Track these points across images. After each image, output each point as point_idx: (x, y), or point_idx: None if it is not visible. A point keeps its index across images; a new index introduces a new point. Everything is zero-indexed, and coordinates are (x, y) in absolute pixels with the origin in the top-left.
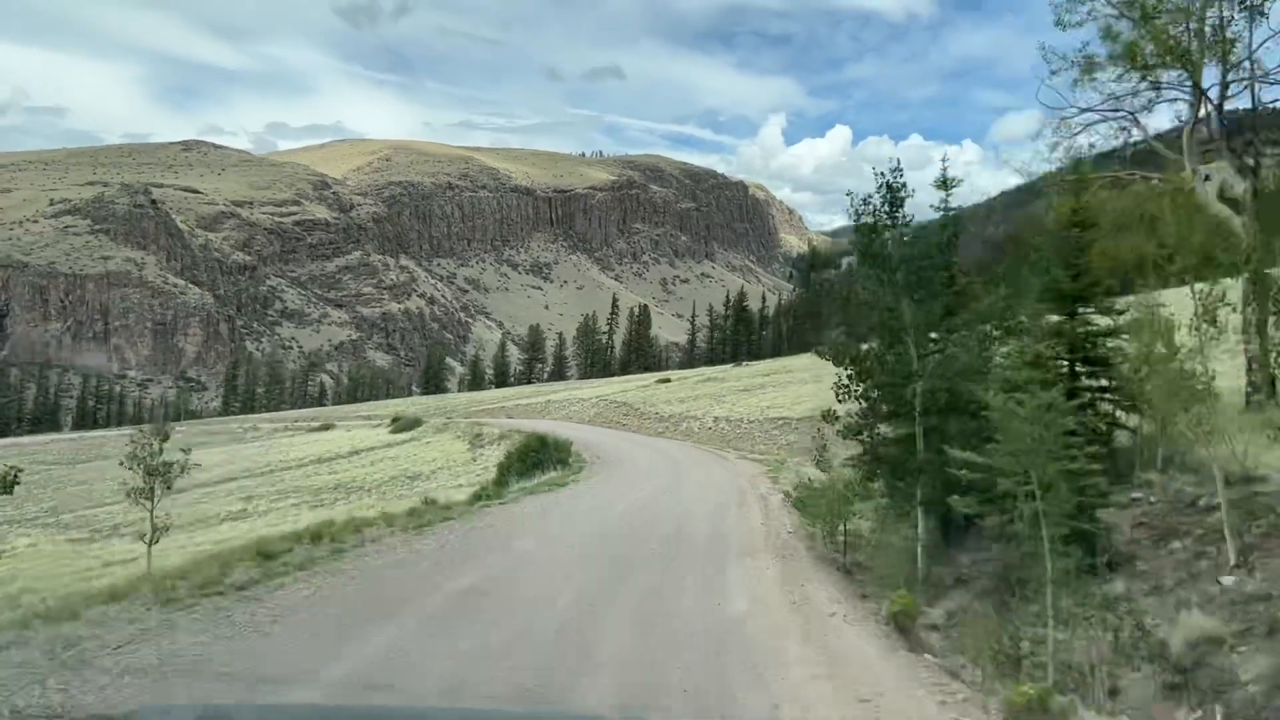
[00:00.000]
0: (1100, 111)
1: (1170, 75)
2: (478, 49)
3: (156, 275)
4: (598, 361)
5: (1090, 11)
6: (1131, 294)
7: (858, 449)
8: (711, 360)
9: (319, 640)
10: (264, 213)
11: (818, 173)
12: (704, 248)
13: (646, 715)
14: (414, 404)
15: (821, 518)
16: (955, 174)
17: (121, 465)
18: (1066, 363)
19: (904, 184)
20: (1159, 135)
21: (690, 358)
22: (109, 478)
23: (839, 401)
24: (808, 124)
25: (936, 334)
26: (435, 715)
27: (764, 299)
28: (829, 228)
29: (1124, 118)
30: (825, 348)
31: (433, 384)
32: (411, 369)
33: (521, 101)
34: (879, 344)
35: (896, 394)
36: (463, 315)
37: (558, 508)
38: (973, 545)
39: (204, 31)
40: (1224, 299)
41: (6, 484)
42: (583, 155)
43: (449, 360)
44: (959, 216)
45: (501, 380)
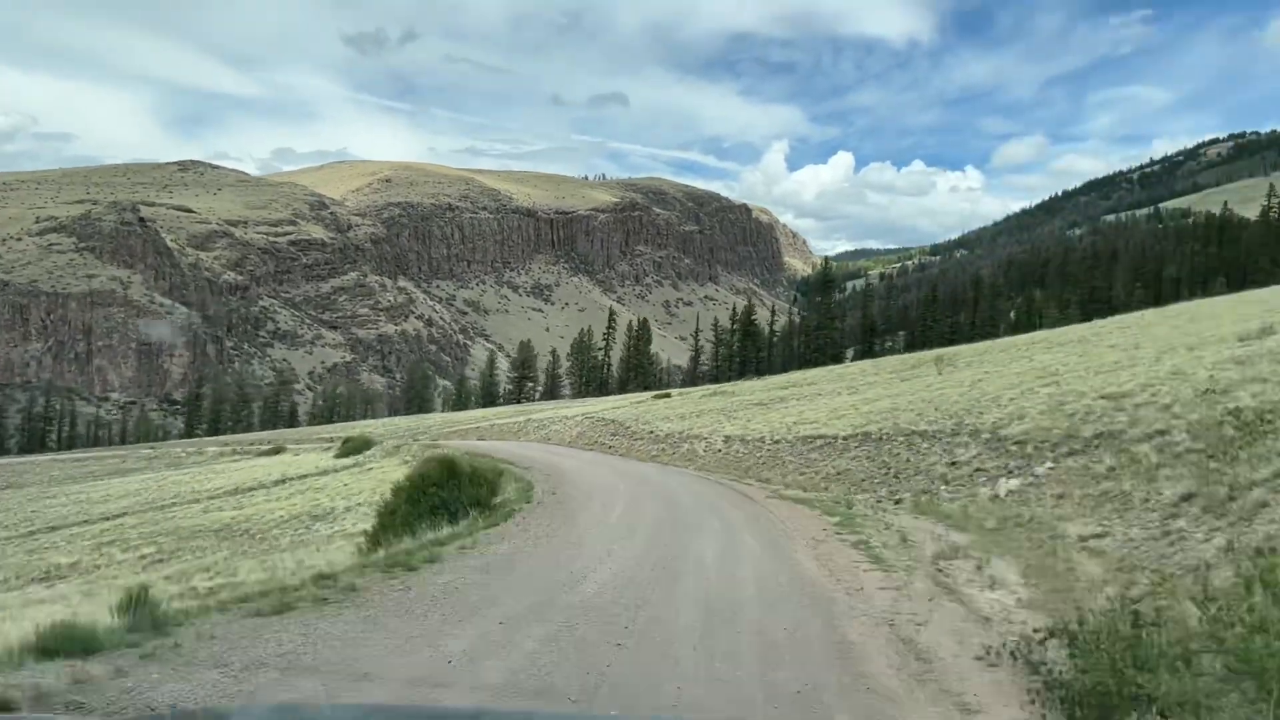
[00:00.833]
0: None
1: None
2: (484, 76)
3: (142, 294)
4: (593, 380)
5: None
6: None
7: None
8: (716, 379)
9: None
10: (258, 232)
11: (820, 199)
12: (707, 270)
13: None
14: (386, 425)
15: None
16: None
17: None
18: None
19: None
20: None
21: (693, 377)
22: None
23: None
24: (810, 150)
25: None
26: (493, 715)
27: (773, 314)
28: (832, 253)
29: None
30: None
31: (416, 404)
32: (404, 391)
33: (526, 128)
34: None
35: None
36: (461, 337)
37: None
38: None
39: (214, 59)
40: None
41: None
42: (585, 178)
43: (439, 380)
44: None
45: (490, 400)
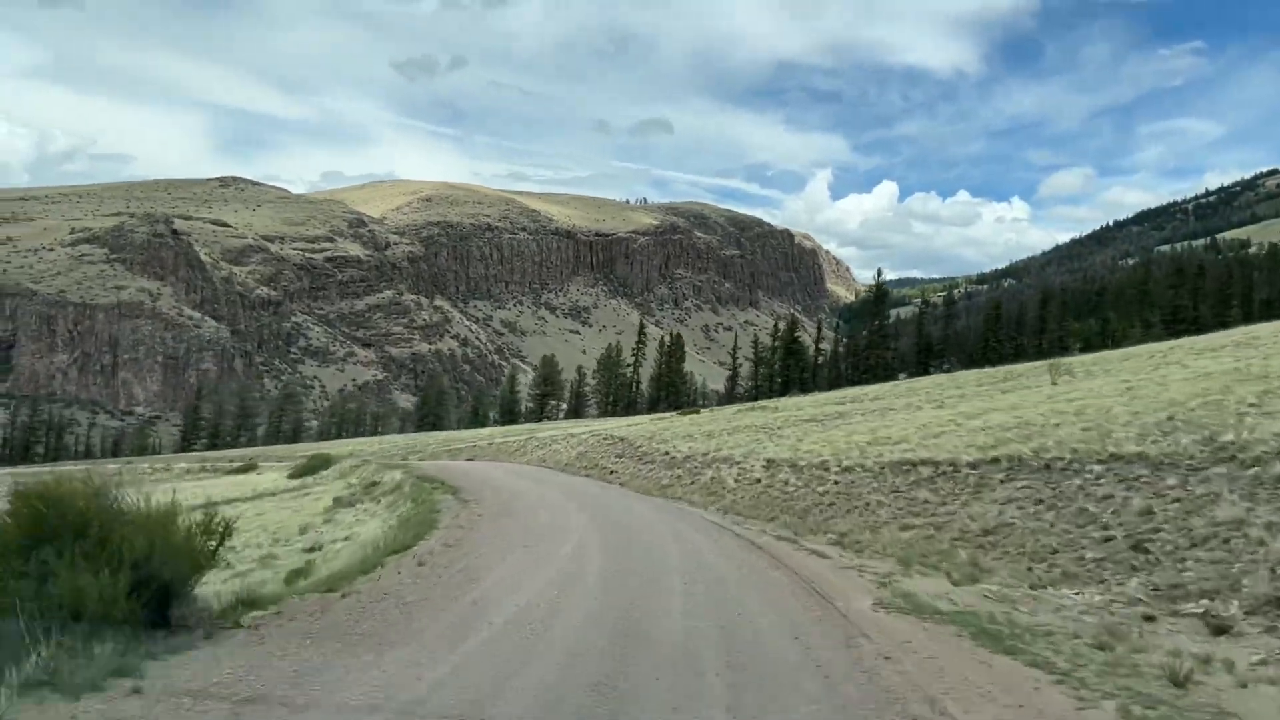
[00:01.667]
0: None
1: None
2: (528, 103)
3: (171, 307)
4: (621, 398)
5: None
6: None
7: None
8: (756, 399)
9: None
10: (294, 248)
11: (863, 228)
12: (748, 295)
13: None
14: (383, 443)
15: None
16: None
17: None
18: None
19: None
20: None
21: (730, 398)
22: None
23: None
24: (854, 179)
25: None
26: None
27: (819, 337)
28: (874, 282)
29: None
30: None
31: (430, 422)
32: (418, 408)
33: (569, 154)
34: None
35: None
36: (496, 358)
37: None
38: None
39: (267, 84)
40: None
41: None
42: (626, 202)
43: (471, 399)
44: None
45: (511, 418)
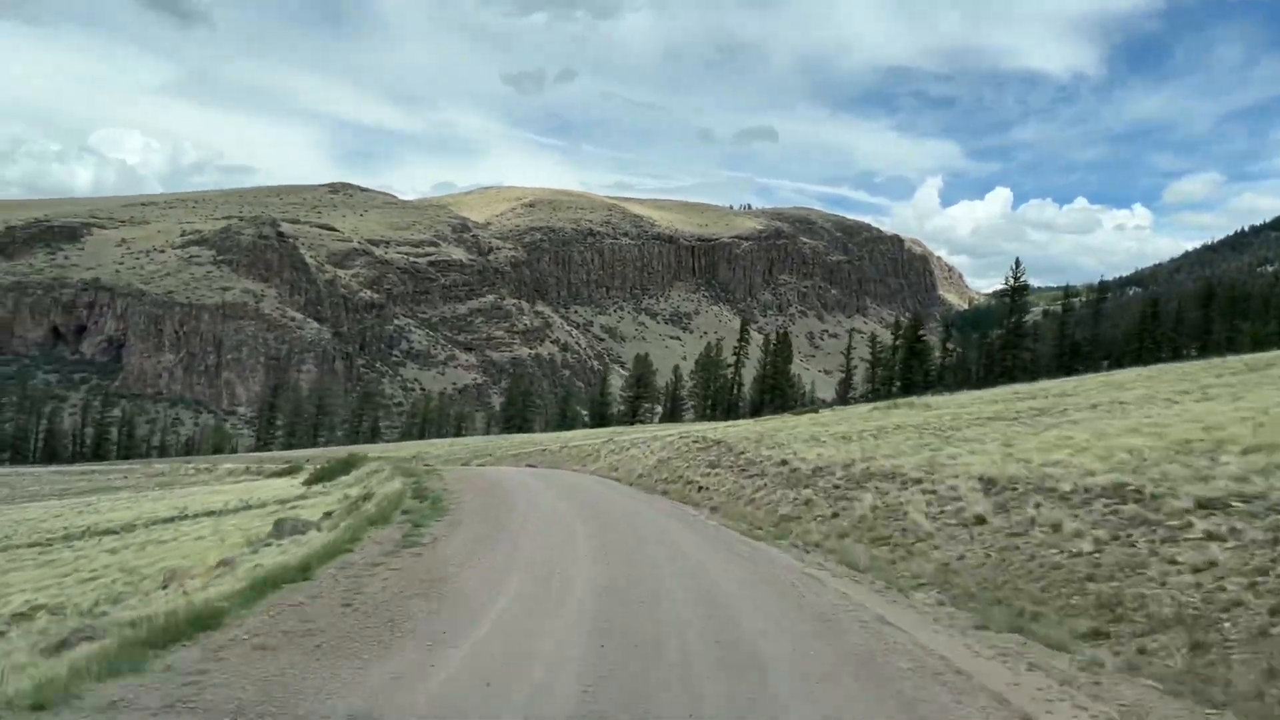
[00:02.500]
0: None
1: None
2: (634, 113)
3: (274, 308)
4: (720, 401)
5: None
6: None
7: None
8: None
9: None
10: (399, 252)
11: (975, 235)
12: (855, 302)
13: None
14: (454, 444)
15: None
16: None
17: None
18: None
19: None
20: None
21: (844, 402)
22: None
23: None
24: (966, 186)
25: None
26: None
27: (944, 344)
28: (988, 290)
29: None
30: None
31: (515, 423)
32: (503, 411)
33: (674, 163)
34: None
35: None
36: (596, 364)
37: None
38: None
39: (383, 98)
40: None
41: None
42: (729, 207)
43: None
44: None
45: (602, 421)
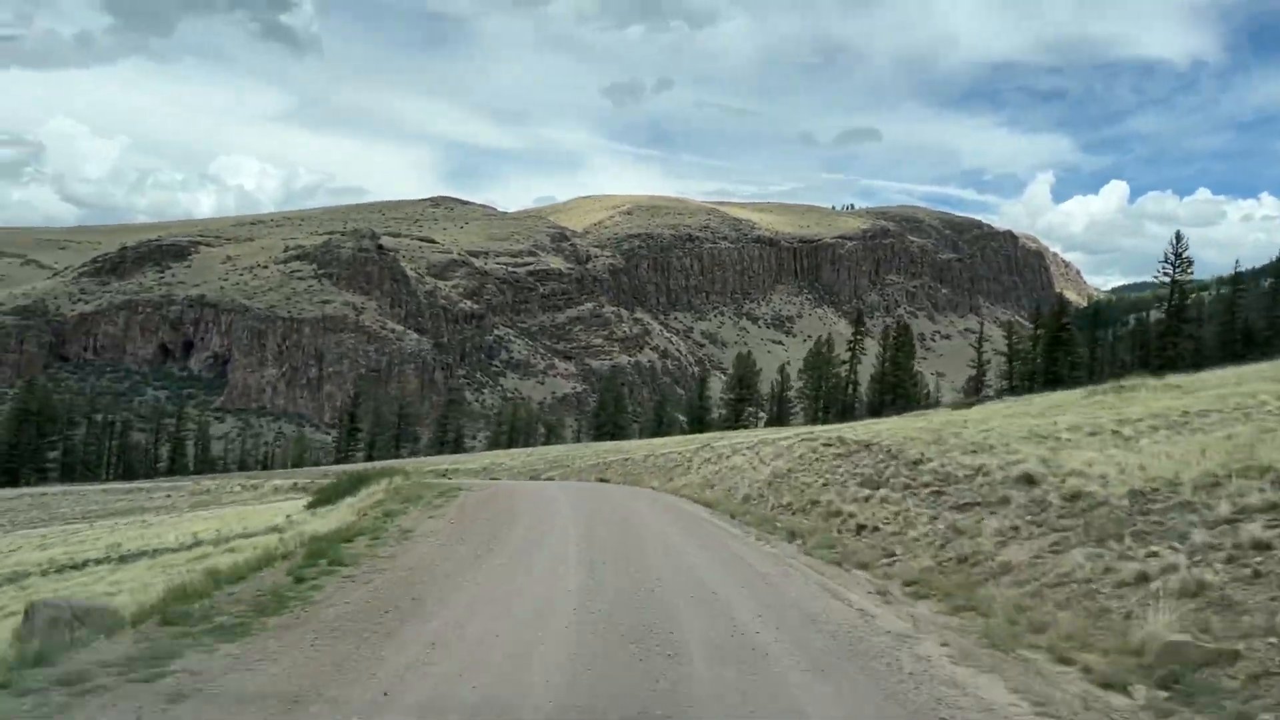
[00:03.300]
0: None
1: None
2: (732, 120)
3: (374, 320)
4: (834, 401)
5: None
6: None
7: None
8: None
9: None
10: (498, 263)
11: (1089, 230)
12: (968, 301)
13: None
14: (530, 454)
15: None
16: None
17: None
18: None
19: None
20: None
21: (975, 391)
22: None
23: None
24: (1080, 180)
25: None
26: None
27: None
28: (1105, 287)
29: None
30: None
31: (606, 429)
32: (593, 417)
33: (773, 169)
34: None
35: None
36: (696, 370)
37: None
38: None
39: (486, 118)
40: None
41: None
42: (831, 208)
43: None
44: None
45: (700, 426)
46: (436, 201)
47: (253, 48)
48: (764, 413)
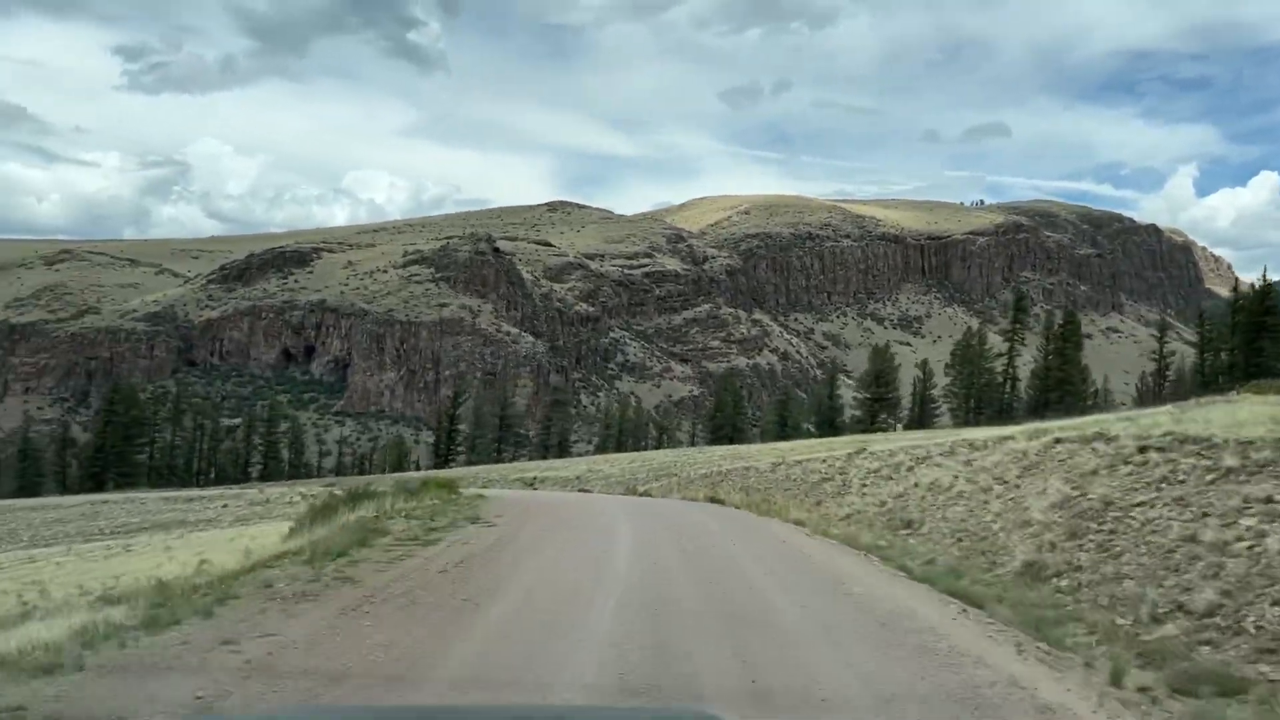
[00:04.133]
0: None
1: None
2: (854, 120)
3: (490, 323)
4: (988, 400)
5: None
6: None
7: None
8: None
9: None
10: (614, 265)
11: (1237, 225)
12: (1109, 298)
13: None
14: (633, 461)
15: None
16: None
17: None
18: None
19: None
20: None
21: (1158, 396)
22: None
23: None
24: (1226, 173)
25: None
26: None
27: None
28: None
29: None
30: None
31: (724, 432)
32: (709, 420)
33: (896, 167)
34: None
35: None
36: (819, 373)
37: None
38: None
39: (605, 126)
40: None
41: None
42: (961, 204)
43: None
44: None
45: (829, 428)
46: (553, 206)
47: (382, 65)
48: (892, 418)
